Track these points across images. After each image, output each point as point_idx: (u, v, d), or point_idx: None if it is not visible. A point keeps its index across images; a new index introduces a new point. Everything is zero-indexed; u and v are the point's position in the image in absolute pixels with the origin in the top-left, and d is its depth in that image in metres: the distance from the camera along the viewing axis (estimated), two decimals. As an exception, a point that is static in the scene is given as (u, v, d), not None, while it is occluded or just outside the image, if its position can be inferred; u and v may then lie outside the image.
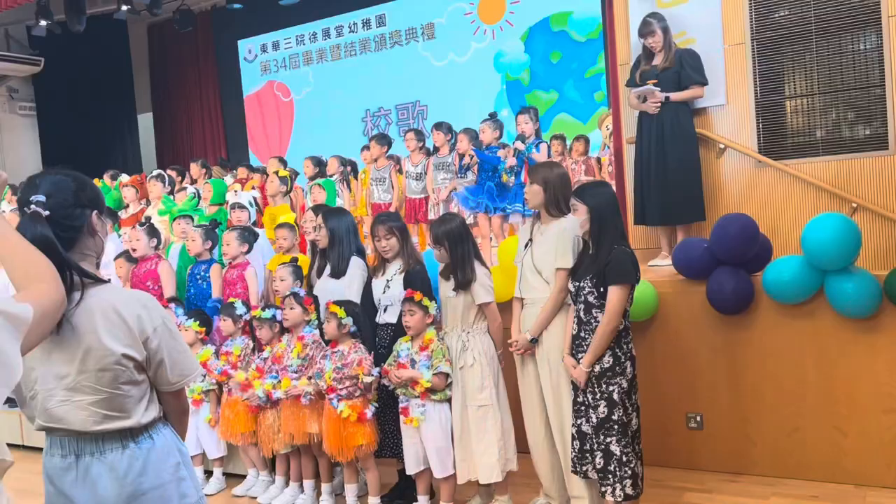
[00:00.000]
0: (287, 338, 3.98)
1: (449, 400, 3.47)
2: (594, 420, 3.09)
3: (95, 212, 1.72)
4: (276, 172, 5.87)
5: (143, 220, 5.16)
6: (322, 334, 3.79)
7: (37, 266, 1.45)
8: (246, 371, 4.02)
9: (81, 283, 1.59)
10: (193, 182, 8.26)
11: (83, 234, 1.69)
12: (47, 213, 1.60)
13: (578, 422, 3.17)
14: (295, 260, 4.30)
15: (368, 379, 3.53)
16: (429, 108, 11.07)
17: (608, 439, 3.06)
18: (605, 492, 3.07)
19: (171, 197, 6.49)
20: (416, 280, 3.60)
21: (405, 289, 3.58)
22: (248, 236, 4.78)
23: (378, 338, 3.78)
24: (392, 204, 6.62)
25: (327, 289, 3.95)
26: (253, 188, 7.17)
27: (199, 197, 6.38)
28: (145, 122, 14.00)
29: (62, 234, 1.61)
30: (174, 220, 5.40)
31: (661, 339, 3.93)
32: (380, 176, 6.70)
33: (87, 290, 1.60)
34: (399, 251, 3.75)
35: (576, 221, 3.14)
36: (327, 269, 4.04)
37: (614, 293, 3.03)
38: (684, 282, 3.91)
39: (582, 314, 3.14)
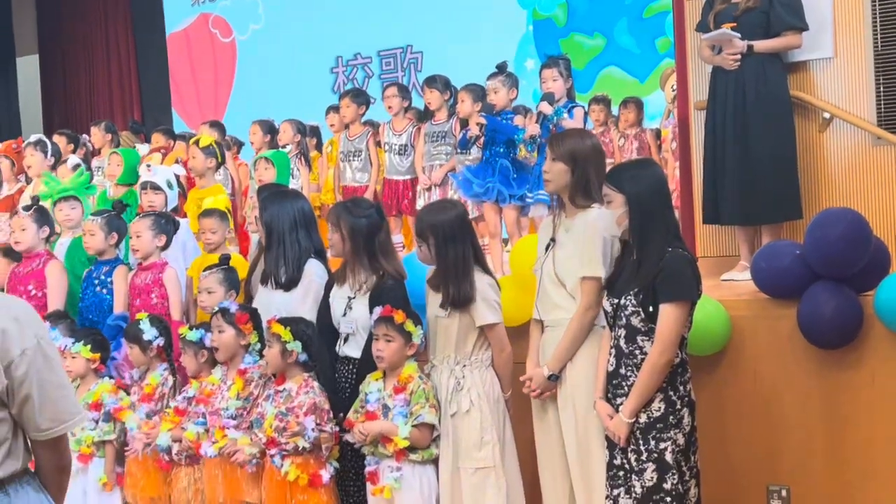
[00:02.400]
0: (221, 371, 4.04)
1: (435, 460, 3.53)
2: (638, 490, 3.14)
3: None
4: (197, 141, 5.93)
5: (30, 203, 5.22)
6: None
7: None
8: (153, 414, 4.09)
9: None
10: (94, 153, 8.33)
11: None
12: None
13: (616, 493, 3.23)
14: (226, 260, 4.35)
15: (311, 436, 3.56)
16: (423, 55, 11.11)
17: (658, 517, 3.12)
18: None
19: (55, 172, 6.55)
20: (388, 300, 3.66)
21: (372, 310, 3.65)
22: (166, 225, 4.84)
23: (337, 374, 3.84)
24: (369, 187, 6.70)
25: (272, 303, 4.02)
26: (177, 162, 7.24)
27: (90, 170, 6.42)
28: (28, 67, 14.07)
29: None
30: (56, 203, 5.46)
31: (732, 381, 3.97)
32: (353, 148, 6.77)
33: None
34: (345, 253, 3.81)
35: (608, 216, 3.20)
36: (272, 278, 4.10)
37: (668, 313, 3.10)
38: (768, 302, 3.96)
39: (622, 343, 3.21)
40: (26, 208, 5.10)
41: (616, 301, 3.22)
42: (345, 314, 3.86)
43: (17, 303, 1.77)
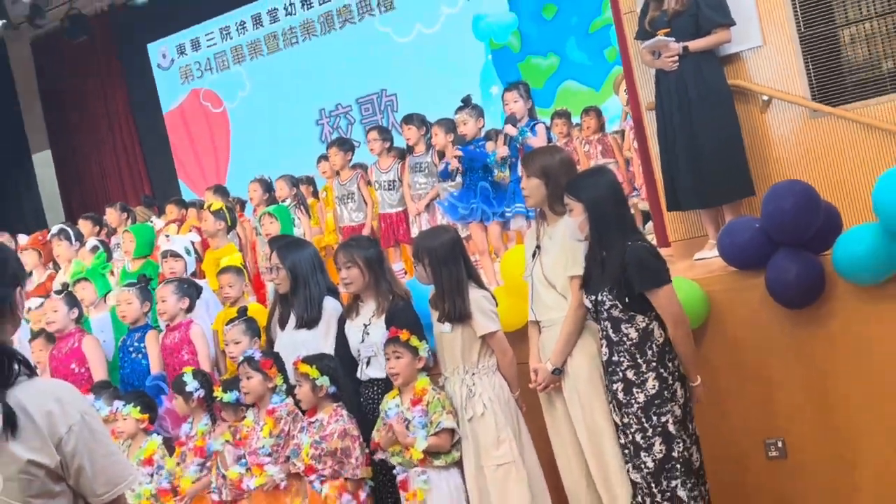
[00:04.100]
0: (253, 413, 4.08)
1: (458, 463, 3.57)
2: (650, 464, 3.18)
3: (19, 287, 1.85)
4: (209, 207, 6.02)
5: (60, 288, 5.30)
6: (297, 401, 3.90)
7: None
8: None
9: (17, 374, 1.70)
10: (113, 232, 8.41)
11: (6, 314, 1.82)
12: None
13: (626, 467, 3.26)
14: (244, 311, 4.40)
15: (360, 472, 3.63)
16: (398, 97, 11.24)
17: (672, 483, 3.16)
18: None
19: (78, 255, 6.62)
20: (401, 319, 3.72)
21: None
22: (189, 289, 4.91)
23: (363, 398, 3.88)
24: (366, 224, 6.75)
25: (297, 342, 4.06)
26: (191, 229, 7.31)
27: (107, 250, 6.51)
28: (43, 162, 14.18)
29: None
30: (75, 284, 5.55)
31: (717, 351, 4.01)
32: (346, 192, 6.83)
33: (14, 386, 1.70)
34: (365, 285, 3.86)
35: (572, 223, 3.26)
36: (292, 319, 4.15)
37: (660, 297, 3.16)
38: (737, 274, 4.00)
39: (611, 333, 3.25)
40: (58, 292, 5.18)
41: (594, 298, 3.27)
42: (363, 340, 3.91)
43: (57, 385, 1.81)
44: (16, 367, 1.70)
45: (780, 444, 3.96)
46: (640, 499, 3.22)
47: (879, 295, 3.73)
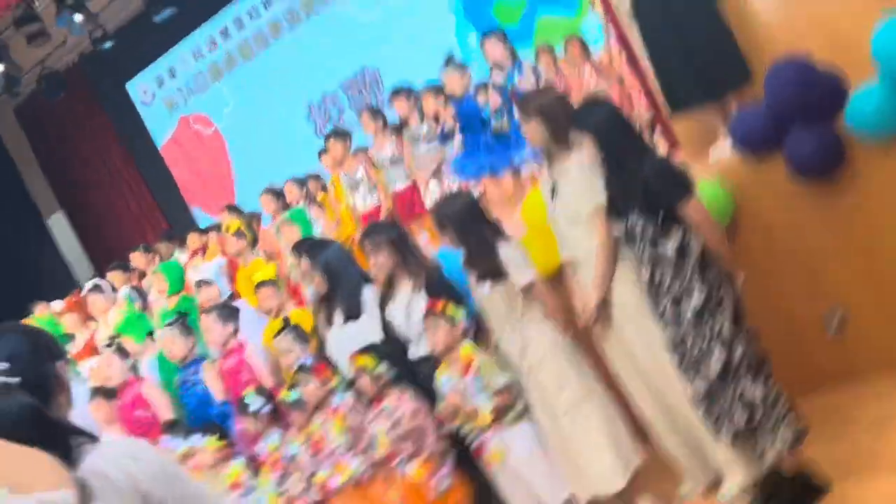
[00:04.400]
0: (319, 417, 4.12)
1: (523, 415, 3.60)
2: (713, 372, 3.17)
3: (61, 362, 1.88)
4: (228, 229, 6.06)
5: (108, 342, 5.38)
6: (359, 393, 3.94)
7: (29, 457, 1.59)
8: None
9: (79, 445, 1.74)
10: (143, 275, 8.49)
11: (55, 390, 1.84)
12: (17, 379, 1.75)
13: (687, 381, 3.26)
14: (287, 322, 4.44)
15: (440, 446, 3.67)
16: (381, 71, 11.16)
17: (741, 386, 3.16)
18: (765, 447, 3.16)
19: (114, 305, 6.70)
20: (438, 289, 3.75)
21: None
22: (231, 313, 4.96)
23: (420, 375, 3.91)
24: (381, 207, 6.75)
25: (348, 337, 4.10)
26: (216, 254, 7.36)
27: (140, 295, 6.58)
28: (58, 223, 14.30)
29: (39, 398, 1.75)
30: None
31: (754, 242, 3.99)
32: (354, 180, 6.83)
33: (81, 457, 1.74)
34: (395, 266, 3.88)
35: (585, 156, 3.24)
36: (338, 315, 4.19)
37: (691, 209, 3.14)
38: (756, 162, 3.96)
39: (648, 253, 3.23)
40: (108, 346, 5.25)
41: (624, 223, 3.26)
42: (408, 319, 3.93)
43: (127, 444, 1.85)
44: (71, 441, 1.73)
45: (838, 317, 3.94)
46: (714, 407, 3.21)
47: (900, 146, 3.69)
